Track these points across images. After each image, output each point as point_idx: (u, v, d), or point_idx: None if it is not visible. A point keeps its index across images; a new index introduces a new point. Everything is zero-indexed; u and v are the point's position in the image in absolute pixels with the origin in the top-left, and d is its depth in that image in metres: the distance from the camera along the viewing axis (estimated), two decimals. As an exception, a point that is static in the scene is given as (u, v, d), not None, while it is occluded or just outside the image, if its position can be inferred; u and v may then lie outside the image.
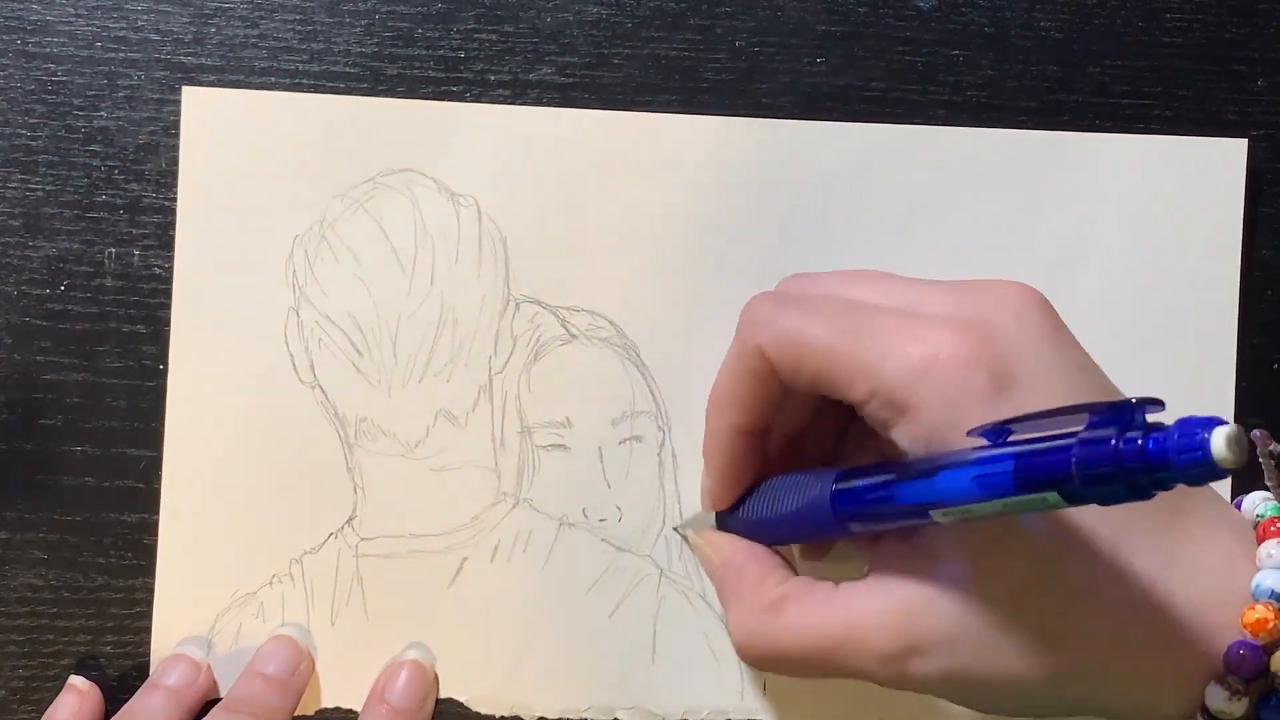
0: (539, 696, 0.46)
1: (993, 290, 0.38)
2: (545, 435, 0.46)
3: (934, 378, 0.36)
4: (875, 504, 0.37)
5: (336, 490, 0.46)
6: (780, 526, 0.41)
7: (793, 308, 0.39)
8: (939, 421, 0.36)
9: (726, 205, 0.46)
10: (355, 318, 0.46)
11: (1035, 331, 0.37)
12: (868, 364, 0.37)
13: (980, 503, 0.33)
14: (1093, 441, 0.30)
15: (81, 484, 0.46)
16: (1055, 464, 0.31)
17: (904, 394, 0.36)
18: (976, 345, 0.36)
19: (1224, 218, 0.47)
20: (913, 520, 0.36)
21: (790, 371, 0.39)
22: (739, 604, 0.41)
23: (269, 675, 0.44)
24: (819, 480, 0.39)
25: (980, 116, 0.47)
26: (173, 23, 0.46)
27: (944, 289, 0.39)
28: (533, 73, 0.46)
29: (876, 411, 0.37)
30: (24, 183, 0.46)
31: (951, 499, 0.34)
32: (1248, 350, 0.47)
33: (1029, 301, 0.38)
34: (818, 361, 0.38)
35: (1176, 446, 0.29)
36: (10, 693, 0.46)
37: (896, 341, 0.37)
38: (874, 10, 0.47)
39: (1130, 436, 0.30)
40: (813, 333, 0.38)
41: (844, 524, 0.39)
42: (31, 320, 0.46)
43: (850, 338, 0.37)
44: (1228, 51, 0.48)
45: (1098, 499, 0.31)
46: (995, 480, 0.33)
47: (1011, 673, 0.36)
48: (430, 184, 0.46)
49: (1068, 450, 0.31)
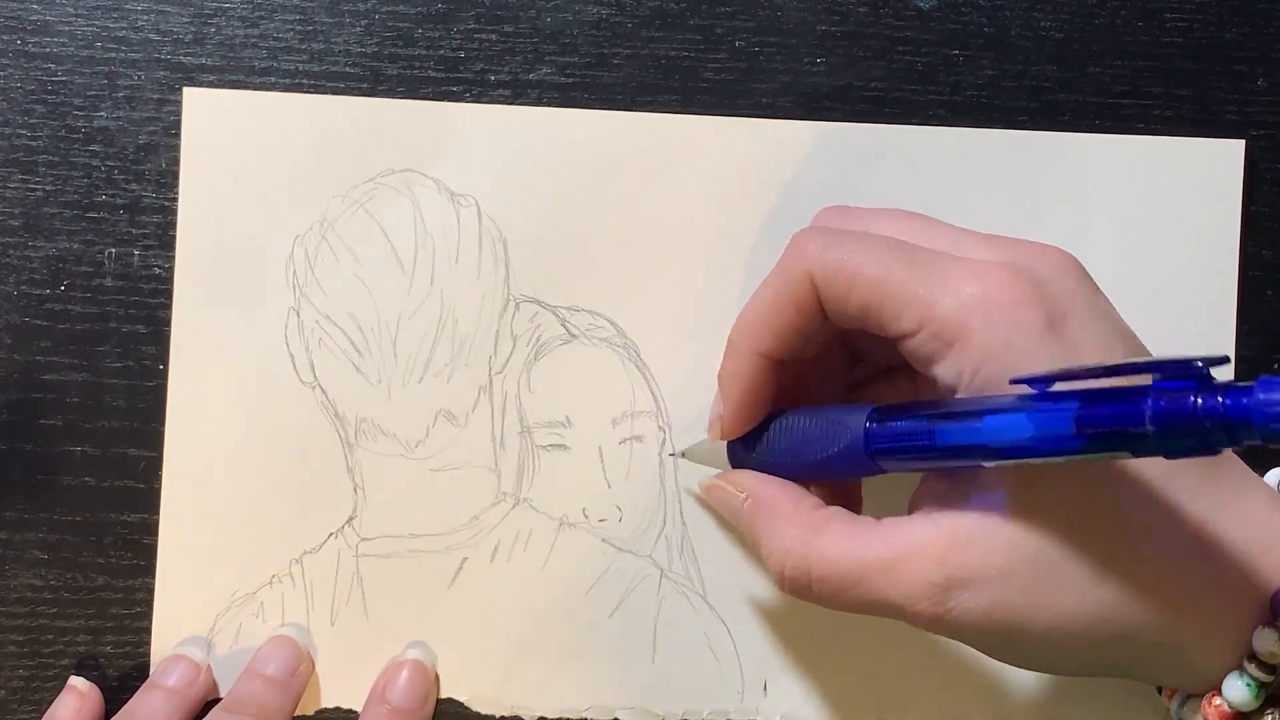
0: (539, 696, 0.46)
1: (1033, 246, 0.39)
2: (545, 435, 0.46)
3: (989, 312, 0.36)
4: (916, 444, 0.37)
5: (336, 490, 0.46)
6: (802, 463, 0.40)
7: (845, 237, 0.39)
8: (988, 354, 0.36)
9: (726, 205, 0.46)
10: (355, 318, 0.46)
11: (1079, 285, 0.38)
12: (920, 295, 0.37)
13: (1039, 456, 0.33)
14: (1169, 396, 0.30)
15: (81, 484, 0.46)
16: (1128, 419, 0.31)
17: (955, 326, 0.36)
18: (1029, 287, 0.36)
19: (1222, 218, 0.47)
20: (955, 463, 0.36)
21: (837, 300, 0.38)
22: (775, 532, 0.40)
23: (269, 676, 0.44)
24: (849, 415, 0.39)
25: (980, 116, 0.47)
26: (173, 23, 0.46)
27: (987, 240, 0.39)
28: (533, 73, 0.46)
29: (923, 344, 0.37)
30: (24, 183, 0.46)
31: (1006, 448, 0.34)
32: (1248, 350, 0.47)
33: (1068, 260, 0.38)
34: (868, 291, 0.38)
35: (1260, 407, 0.29)
36: (10, 693, 0.46)
37: (951, 276, 0.37)
38: (874, 10, 0.47)
39: (1210, 394, 0.30)
40: (863, 262, 0.38)
41: (875, 461, 0.38)
42: (31, 320, 0.46)
43: (903, 270, 0.37)
44: (1228, 51, 0.48)
45: (1168, 452, 0.31)
46: (1058, 433, 0.32)
47: (1062, 610, 0.36)
48: (430, 184, 0.46)
49: (1139, 404, 0.31)
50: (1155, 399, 0.31)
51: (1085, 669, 0.38)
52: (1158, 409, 0.30)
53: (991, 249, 0.38)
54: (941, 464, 0.37)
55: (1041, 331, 0.36)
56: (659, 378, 0.46)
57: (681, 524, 0.46)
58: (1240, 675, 0.35)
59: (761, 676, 0.46)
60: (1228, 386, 0.30)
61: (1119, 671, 0.38)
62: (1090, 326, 0.37)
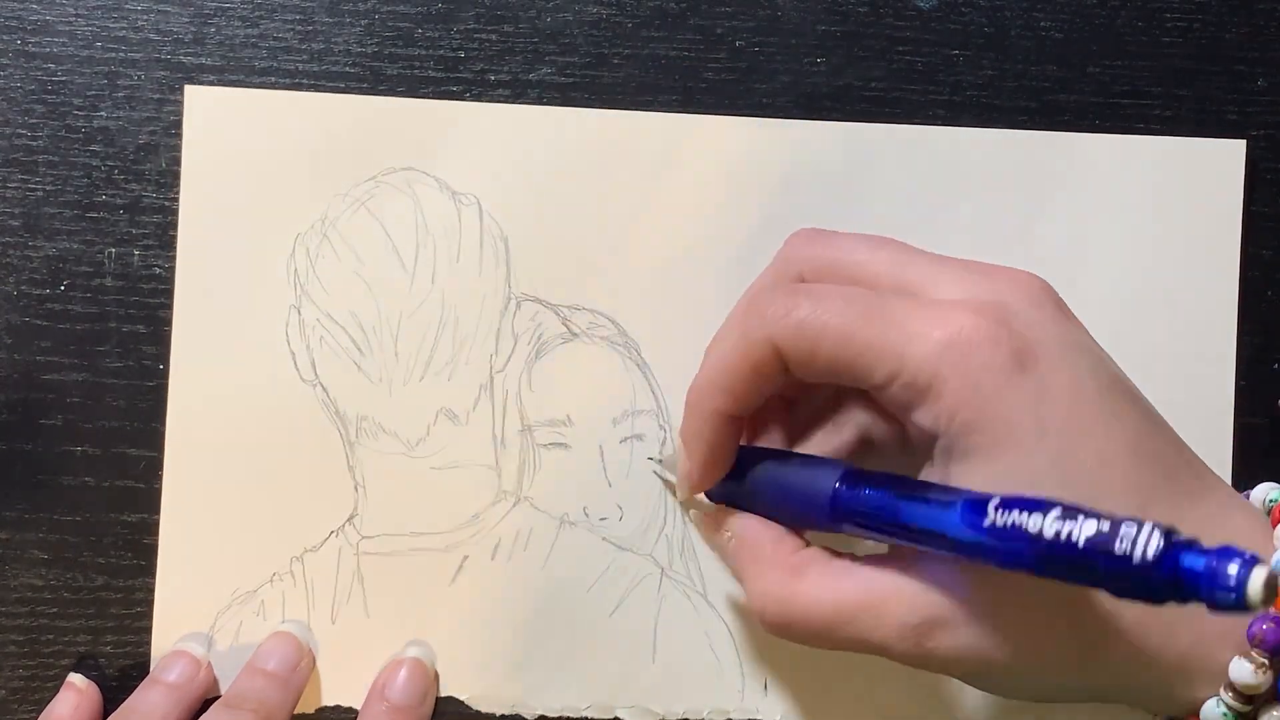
0: (539, 695, 0.46)
1: (1004, 274, 0.39)
2: (546, 434, 0.46)
3: (956, 356, 0.36)
4: (880, 518, 0.37)
5: (337, 488, 0.46)
6: (771, 513, 0.41)
7: (805, 298, 0.39)
8: (962, 400, 0.36)
9: (726, 205, 0.46)
10: (357, 316, 0.46)
11: (1049, 315, 0.38)
12: (887, 348, 0.37)
13: (995, 563, 0.34)
14: (1121, 558, 0.31)
15: (81, 484, 0.46)
16: (1081, 567, 0.32)
17: (927, 375, 0.36)
18: (996, 325, 0.36)
19: (1223, 218, 0.47)
20: (917, 545, 0.36)
21: (803, 360, 0.39)
22: (759, 573, 0.40)
23: (270, 672, 0.44)
24: (820, 475, 0.39)
25: (980, 116, 0.47)
26: (173, 23, 0.46)
27: (957, 270, 0.39)
28: (533, 73, 0.46)
29: (897, 394, 0.37)
30: (24, 183, 0.46)
31: (965, 542, 0.34)
32: (1247, 350, 0.47)
33: (1039, 287, 0.39)
34: (834, 349, 0.38)
35: (1209, 580, 0.30)
36: (10, 693, 0.46)
37: (916, 325, 0.37)
38: (874, 10, 0.47)
39: (1165, 560, 0.30)
40: (827, 320, 0.38)
41: (838, 524, 0.39)
42: (31, 320, 0.46)
43: (868, 323, 0.37)
44: (1228, 51, 0.48)
45: (1114, 594, 0.32)
46: (1017, 561, 0.33)
47: (1038, 649, 0.36)
48: (432, 183, 0.46)
49: (1094, 556, 0.31)
50: (1107, 560, 0.31)
51: (1069, 698, 0.38)
52: (1109, 567, 0.31)
53: (964, 281, 0.38)
54: (903, 542, 0.37)
55: (1010, 371, 0.36)
56: (660, 377, 0.46)
57: (682, 523, 0.46)
58: (1218, 704, 0.36)
59: (761, 676, 0.46)
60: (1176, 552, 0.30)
61: (1102, 699, 0.38)
62: (1061, 361, 0.37)
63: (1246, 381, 0.47)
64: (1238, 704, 0.35)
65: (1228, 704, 0.36)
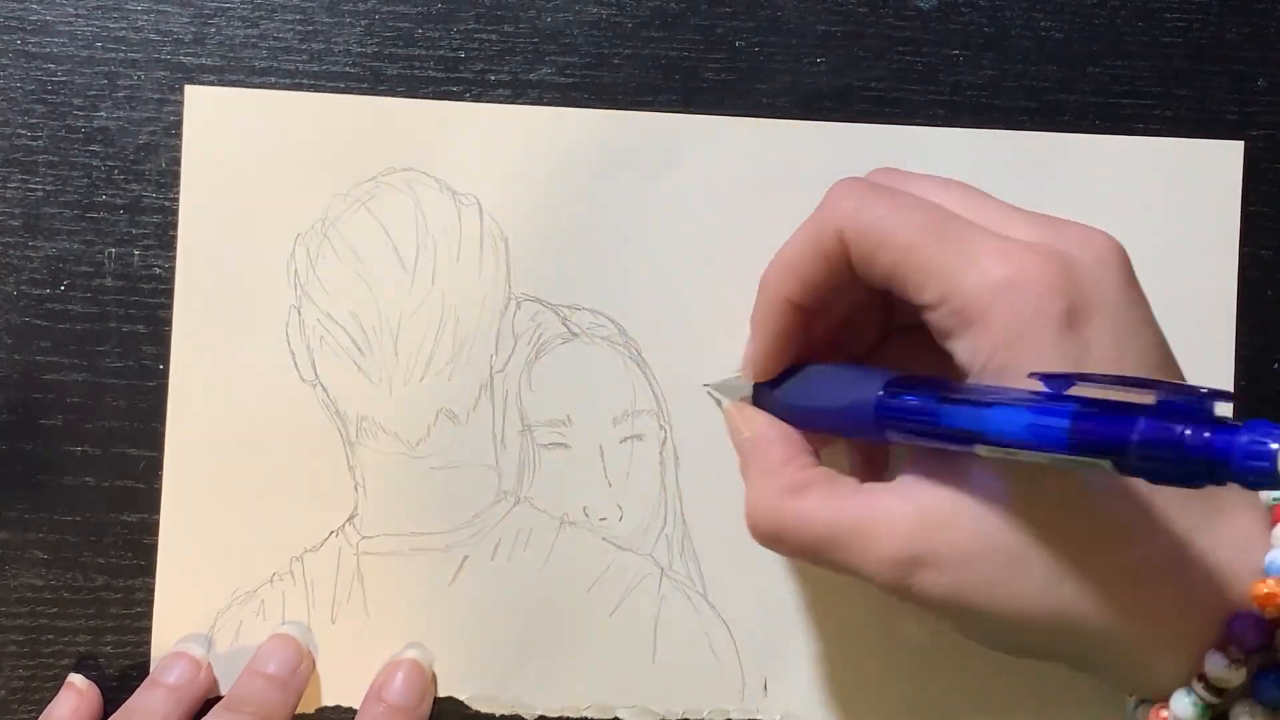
0: (539, 695, 0.46)
1: (1078, 229, 0.38)
2: (546, 434, 0.46)
3: (1011, 297, 0.35)
4: (920, 419, 0.37)
5: (337, 488, 0.46)
6: (818, 416, 0.41)
7: (882, 197, 0.38)
8: (1004, 340, 0.35)
9: (727, 205, 0.46)
10: (357, 316, 0.46)
11: (1114, 279, 0.37)
12: (947, 270, 0.36)
13: (1029, 450, 0.33)
14: (1160, 422, 0.30)
15: (81, 484, 0.46)
16: (1117, 433, 0.31)
17: (977, 307, 0.36)
18: (1059, 276, 0.36)
19: (1222, 218, 0.47)
20: (953, 445, 0.36)
21: (864, 261, 0.38)
22: (762, 480, 0.41)
23: (270, 674, 0.44)
24: (868, 380, 0.39)
25: (980, 116, 0.47)
26: (173, 23, 0.46)
27: (1031, 218, 0.39)
28: (533, 73, 0.46)
29: (943, 319, 0.37)
30: (24, 183, 0.46)
31: (1001, 438, 0.34)
32: (1247, 350, 0.47)
33: (1112, 249, 0.38)
34: (895, 257, 0.37)
35: (1242, 450, 0.29)
36: (10, 693, 0.46)
37: (981, 255, 0.36)
38: (874, 10, 0.47)
39: (1198, 427, 0.30)
40: (895, 227, 0.38)
41: (882, 430, 0.38)
42: (31, 320, 0.46)
43: (934, 241, 0.37)
44: (1228, 51, 0.48)
45: (1149, 477, 0.31)
46: (1050, 432, 0.32)
47: (1018, 604, 0.36)
48: (432, 183, 0.46)
49: (1131, 423, 0.31)
50: (1147, 422, 0.31)
51: (1044, 657, 0.38)
52: (1145, 433, 0.30)
53: (1033, 229, 0.38)
54: (941, 444, 0.37)
55: (1060, 325, 0.35)
56: (660, 376, 0.46)
57: (682, 523, 0.46)
58: (1188, 693, 0.36)
59: (761, 676, 0.46)
60: (1217, 424, 0.30)
61: (1077, 666, 0.38)
62: (1111, 326, 0.36)
63: (1246, 381, 0.47)
64: (1209, 696, 0.35)
65: (1199, 695, 0.35)
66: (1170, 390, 0.31)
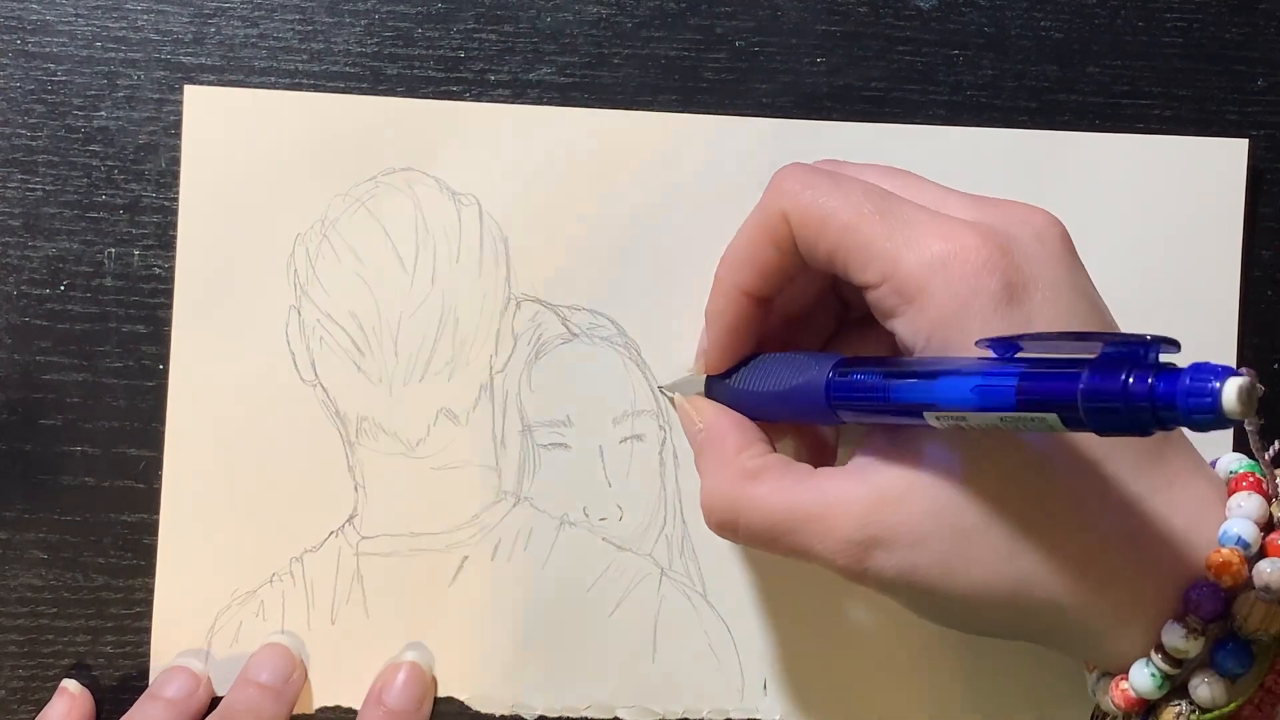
0: (539, 696, 0.46)
1: (1017, 207, 0.38)
2: (546, 434, 0.46)
3: (949, 273, 0.36)
4: (870, 396, 0.37)
5: (337, 489, 0.46)
6: (770, 402, 0.41)
7: (824, 179, 0.39)
8: (944, 316, 0.36)
9: (727, 205, 0.46)
10: (357, 316, 0.46)
11: (1053, 253, 0.37)
12: (886, 248, 0.37)
13: (978, 412, 0.33)
14: (1103, 371, 0.30)
15: (81, 484, 0.46)
16: (1061, 388, 0.31)
17: (916, 284, 0.36)
18: (996, 252, 0.36)
19: (1224, 217, 0.47)
20: (905, 419, 0.36)
21: (808, 243, 0.39)
22: (716, 469, 0.41)
23: (263, 684, 0.44)
24: (816, 363, 0.39)
25: (980, 116, 0.47)
26: (173, 23, 0.46)
27: (969, 199, 0.39)
28: (533, 73, 0.46)
29: (884, 298, 0.37)
30: (24, 183, 0.46)
31: (949, 404, 0.34)
32: (1248, 350, 0.47)
33: (1050, 225, 0.38)
34: (837, 237, 0.38)
35: (1186, 390, 0.29)
36: (10, 693, 0.46)
37: (919, 233, 0.37)
38: (874, 10, 0.47)
39: (1141, 373, 0.29)
40: (837, 207, 0.38)
41: (834, 411, 0.38)
42: (31, 320, 0.46)
43: (874, 220, 0.37)
44: (1228, 51, 0.48)
45: (1097, 428, 0.31)
46: (997, 393, 0.32)
47: (975, 579, 0.36)
48: (431, 183, 0.46)
49: (1076, 376, 0.31)
50: (1090, 373, 0.30)
51: (1004, 634, 0.38)
52: (1089, 384, 0.30)
53: (972, 209, 0.38)
54: (893, 418, 0.37)
55: (998, 300, 0.35)
56: (660, 377, 0.46)
57: (682, 523, 0.46)
58: (1147, 664, 0.36)
59: (761, 676, 0.46)
60: (1160, 368, 0.30)
61: (1038, 641, 0.38)
62: (1052, 299, 0.36)
63: (1246, 381, 0.47)
64: (1167, 667, 0.35)
65: (1157, 665, 0.35)
66: (1115, 341, 0.31)
